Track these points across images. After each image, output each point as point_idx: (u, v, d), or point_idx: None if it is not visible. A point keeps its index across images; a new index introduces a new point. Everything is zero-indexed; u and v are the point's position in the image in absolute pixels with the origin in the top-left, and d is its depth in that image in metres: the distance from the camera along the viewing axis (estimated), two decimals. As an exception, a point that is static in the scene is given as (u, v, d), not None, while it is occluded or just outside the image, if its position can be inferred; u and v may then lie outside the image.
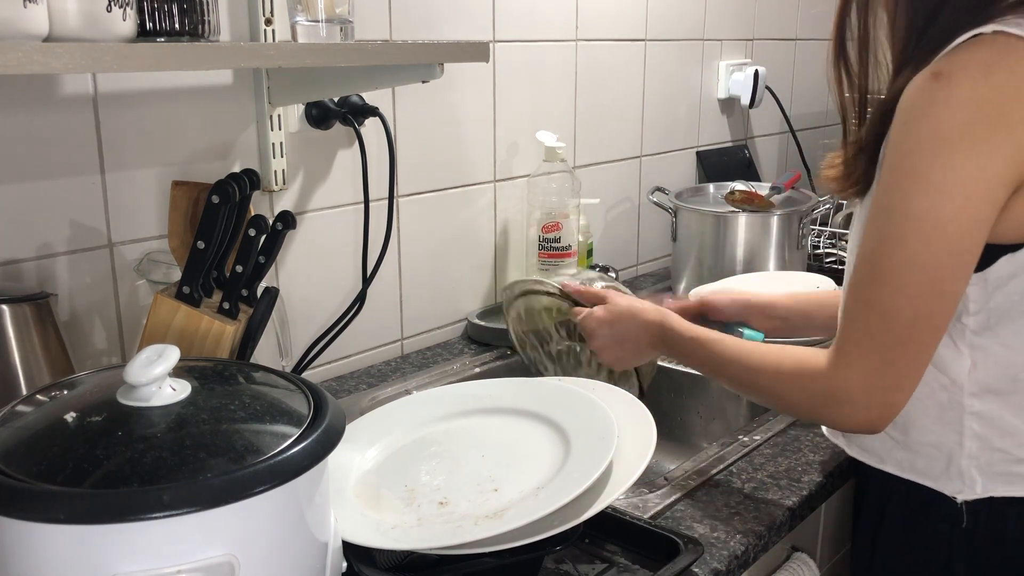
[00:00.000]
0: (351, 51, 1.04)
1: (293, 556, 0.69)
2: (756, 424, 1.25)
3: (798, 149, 2.44)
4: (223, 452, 0.66)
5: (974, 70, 0.83)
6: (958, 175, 0.82)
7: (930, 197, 0.83)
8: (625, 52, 1.89)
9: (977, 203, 0.83)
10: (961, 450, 0.96)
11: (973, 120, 0.82)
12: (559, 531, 0.80)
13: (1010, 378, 0.93)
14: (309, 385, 0.78)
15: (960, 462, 0.96)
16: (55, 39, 0.78)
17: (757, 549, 0.99)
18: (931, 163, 0.83)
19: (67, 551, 0.61)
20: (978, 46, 0.84)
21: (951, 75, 0.83)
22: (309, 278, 1.37)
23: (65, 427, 0.70)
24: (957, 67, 0.84)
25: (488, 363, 1.50)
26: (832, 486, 1.13)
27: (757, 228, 1.77)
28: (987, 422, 0.94)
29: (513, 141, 1.66)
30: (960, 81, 0.83)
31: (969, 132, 0.82)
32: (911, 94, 0.86)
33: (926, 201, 0.84)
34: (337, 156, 1.38)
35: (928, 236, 0.84)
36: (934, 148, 0.83)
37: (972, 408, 0.94)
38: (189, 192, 1.05)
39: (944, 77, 0.83)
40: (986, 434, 0.94)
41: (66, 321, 1.10)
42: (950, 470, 0.97)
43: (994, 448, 0.94)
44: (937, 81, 0.84)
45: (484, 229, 1.65)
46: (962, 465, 0.96)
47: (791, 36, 2.45)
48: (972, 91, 0.82)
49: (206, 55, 0.87)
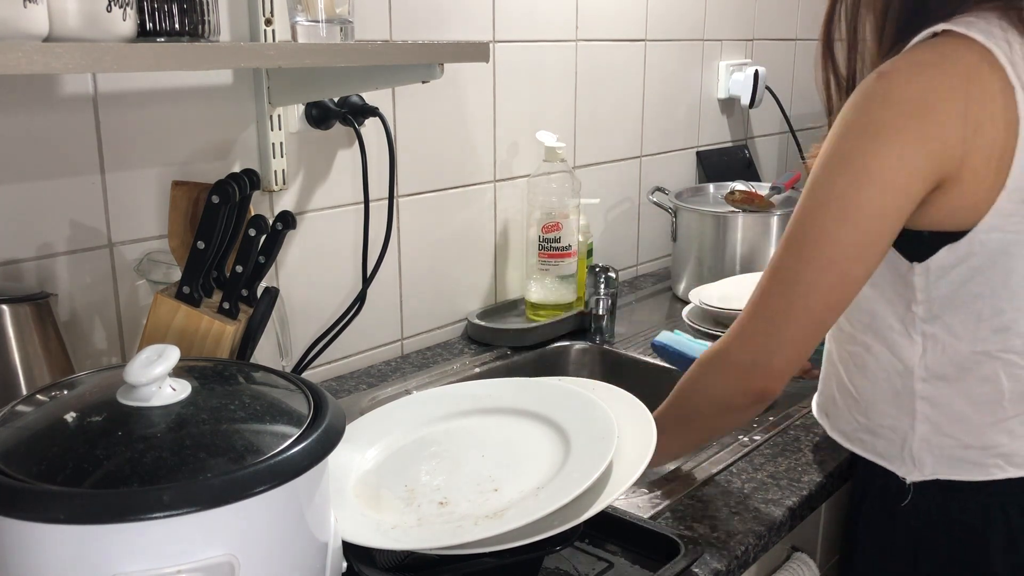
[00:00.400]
0: (351, 51, 1.04)
1: (293, 556, 0.69)
2: (756, 424, 1.25)
3: (798, 149, 2.44)
4: (223, 452, 0.66)
5: (910, 68, 0.89)
6: (879, 163, 0.87)
7: (849, 179, 0.88)
8: (625, 52, 1.89)
9: (893, 193, 0.87)
10: (913, 433, 1.00)
11: (900, 114, 0.87)
12: (559, 531, 0.80)
13: (956, 365, 0.96)
14: (309, 385, 0.78)
15: (912, 445, 1.00)
16: (55, 39, 0.78)
17: (757, 549, 0.99)
18: (858, 150, 0.88)
19: (67, 551, 0.61)
20: (922, 46, 0.90)
21: (890, 73, 0.89)
22: (309, 278, 1.37)
23: (65, 427, 0.70)
24: (897, 66, 0.89)
25: (488, 363, 1.50)
26: (832, 486, 1.13)
27: (757, 228, 1.77)
28: (937, 407, 0.98)
29: (513, 141, 1.66)
30: (895, 78, 0.88)
31: (894, 125, 0.87)
32: (857, 90, 0.91)
33: (845, 182, 0.88)
34: (337, 156, 1.38)
35: (842, 214, 0.88)
36: (863, 137, 0.88)
37: (923, 393, 0.98)
38: (189, 192, 1.05)
39: (884, 75, 0.89)
40: (936, 419, 0.98)
41: (66, 321, 1.10)
42: (903, 452, 1.01)
43: (944, 433, 0.98)
44: (878, 79, 0.89)
45: (484, 229, 1.65)
46: (914, 448, 1.00)
47: (791, 36, 2.45)
48: (904, 88, 0.88)
49: (206, 55, 0.87)
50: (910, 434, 1.00)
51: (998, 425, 0.96)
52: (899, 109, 0.87)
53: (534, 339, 1.57)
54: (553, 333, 1.60)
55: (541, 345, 1.57)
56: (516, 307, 1.69)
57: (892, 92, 0.88)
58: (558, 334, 1.60)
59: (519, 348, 1.55)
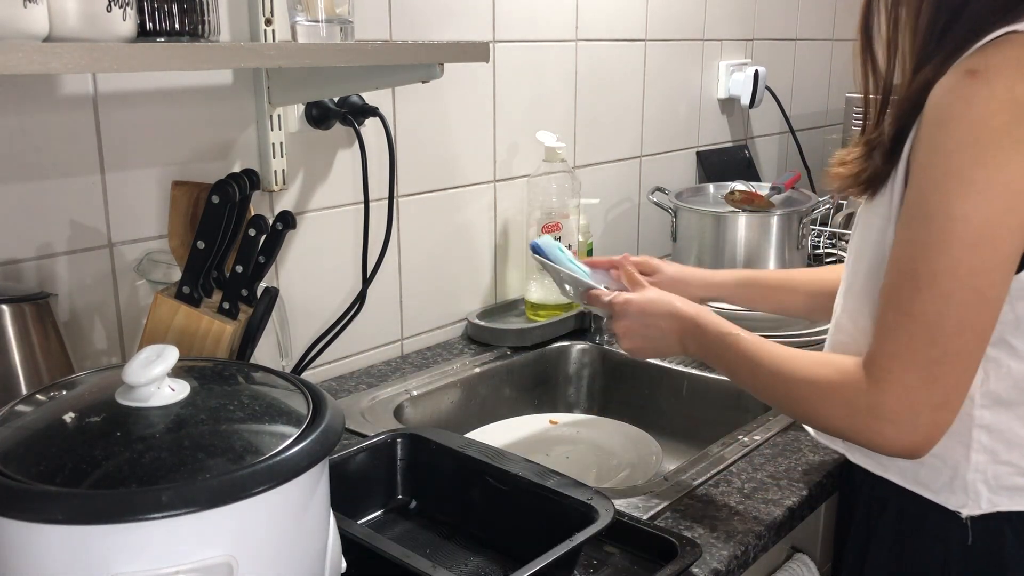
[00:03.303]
0: (351, 51, 1.04)
1: (292, 556, 0.69)
2: (756, 424, 1.25)
3: (798, 149, 2.44)
4: (222, 452, 0.66)
5: (1010, 68, 0.80)
6: (1002, 176, 0.79)
7: (973, 199, 0.79)
8: (625, 52, 1.89)
9: (1021, 205, 0.80)
10: (968, 463, 0.92)
11: (1013, 119, 0.79)
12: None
13: (1020, 389, 0.90)
14: (308, 385, 0.78)
15: (966, 476, 0.93)
16: (55, 39, 0.78)
17: (757, 549, 0.99)
18: (972, 164, 0.79)
19: (65, 551, 0.61)
20: (1011, 44, 0.82)
21: (987, 73, 0.80)
22: (309, 278, 1.37)
23: (64, 427, 0.70)
24: (992, 65, 0.80)
25: (488, 363, 1.50)
26: (832, 486, 1.13)
27: (757, 228, 1.77)
28: (995, 434, 0.91)
29: (513, 141, 1.66)
30: (996, 79, 0.80)
31: (1009, 132, 0.79)
32: (943, 93, 0.82)
33: (968, 203, 0.80)
34: (337, 156, 1.38)
35: (973, 240, 0.80)
36: (975, 148, 0.79)
37: (982, 420, 0.91)
38: (189, 192, 1.05)
39: (980, 75, 0.80)
40: (994, 447, 0.91)
41: (66, 321, 1.10)
42: (954, 483, 0.93)
43: (1001, 461, 0.92)
44: (973, 79, 0.80)
45: (484, 229, 1.65)
46: (968, 479, 0.93)
47: (791, 36, 2.45)
48: (1010, 90, 0.79)
49: (206, 55, 0.87)
50: (963, 464, 0.92)
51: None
52: (1009, 113, 0.79)
53: (534, 339, 1.57)
54: (553, 333, 1.60)
55: (541, 345, 1.57)
56: (516, 307, 1.69)
57: (995, 94, 0.79)
58: (558, 334, 1.60)
59: (519, 348, 1.55)
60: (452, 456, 1.02)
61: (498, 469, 0.97)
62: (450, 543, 1.00)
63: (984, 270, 0.81)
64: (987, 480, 0.92)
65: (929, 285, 0.82)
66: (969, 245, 0.80)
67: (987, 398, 0.90)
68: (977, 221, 0.80)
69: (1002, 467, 0.92)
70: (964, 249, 0.80)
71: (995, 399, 0.90)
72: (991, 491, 0.92)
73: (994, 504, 0.92)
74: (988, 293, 0.82)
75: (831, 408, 0.90)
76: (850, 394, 0.87)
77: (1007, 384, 0.90)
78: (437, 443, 1.03)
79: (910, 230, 0.84)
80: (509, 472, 0.96)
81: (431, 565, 0.81)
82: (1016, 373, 0.89)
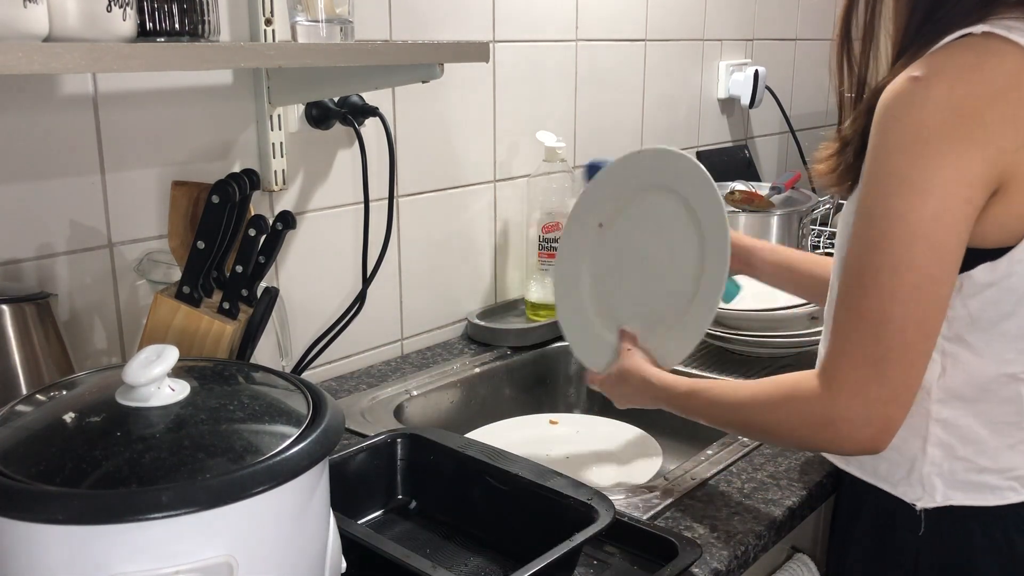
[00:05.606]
0: (351, 51, 1.04)
1: (292, 556, 0.69)
2: (756, 424, 1.25)
3: (798, 149, 2.44)
4: (222, 452, 0.66)
5: (951, 72, 0.83)
6: (937, 175, 0.81)
7: (909, 199, 0.82)
8: (625, 52, 1.89)
9: (957, 203, 0.82)
10: (924, 456, 0.95)
11: (950, 121, 0.81)
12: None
13: (978, 386, 0.91)
14: (308, 385, 0.78)
15: (922, 469, 0.95)
16: (55, 39, 0.78)
17: (757, 549, 0.99)
18: (910, 164, 0.82)
19: (65, 552, 0.61)
20: (960, 48, 0.84)
21: (928, 78, 0.82)
22: (309, 278, 1.37)
23: (64, 427, 0.70)
24: (935, 70, 0.83)
25: (488, 363, 1.50)
26: (832, 486, 1.13)
27: (757, 228, 1.77)
28: (951, 429, 0.93)
29: (513, 141, 1.66)
30: (937, 83, 0.82)
31: (947, 133, 0.81)
32: (889, 96, 0.84)
33: (905, 202, 0.82)
34: (337, 156, 1.38)
35: (910, 238, 0.82)
36: (912, 149, 0.82)
37: (938, 415, 0.93)
38: (189, 192, 1.05)
39: (922, 80, 0.83)
40: (950, 441, 0.93)
41: (66, 321, 1.10)
42: (911, 476, 0.96)
43: (957, 456, 0.94)
44: (915, 83, 0.83)
45: (484, 229, 1.65)
46: (923, 472, 0.95)
47: (791, 36, 2.45)
48: (949, 93, 0.82)
49: (206, 55, 0.87)
50: (920, 457, 0.95)
51: (1017, 447, 0.93)
52: (947, 116, 0.81)
53: (534, 339, 1.57)
54: (553, 333, 1.59)
55: (541, 345, 1.57)
56: (516, 307, 1.69)
57: (934, 97, 0.82)
58: (558, 334, 1.60)
59: (519, 348, 1.55)
60: (452, 456, 1.02)
61: (498, 469, 0.97)
62: (450, 543, 1.00)
63: (923, 267, 0.82)
64: (943, 474, 0.94)
65: (873, 283, 0.84)
66: (907, 243, 0.82)
67: (944, 392, 0.92)
68: (914, 220, 0.82)
69: (958, 462, 0.94)
70: (903, 247, 0.82)
71: (952, 394, 0.92)
72: (947, 485, 0.95)
73: (948, 498, 0.95)
74: (929, 290, 0.83)
75: (789, 422, 0.92)
76: (803, 404, 0.90)
77: (963, 380, 0.92)
78: (437, 443, 1.03)
79: (856, 230, 0.87)
80: (509, 472, 0.96)
81: (431, 565, 0.81)
82: (972, 369, 0.91)
